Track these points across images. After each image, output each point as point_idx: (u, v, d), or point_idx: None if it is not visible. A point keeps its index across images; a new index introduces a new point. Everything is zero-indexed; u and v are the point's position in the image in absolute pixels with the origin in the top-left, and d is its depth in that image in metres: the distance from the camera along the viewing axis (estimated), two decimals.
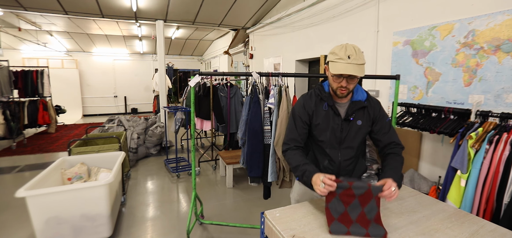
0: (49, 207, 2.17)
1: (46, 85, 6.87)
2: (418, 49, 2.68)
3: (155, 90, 8.75)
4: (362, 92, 1.45)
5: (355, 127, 1.41)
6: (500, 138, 1.69)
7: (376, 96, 3.22)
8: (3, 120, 5.51)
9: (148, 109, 11.40)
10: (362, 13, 3.35)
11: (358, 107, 1.40)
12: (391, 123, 1.46)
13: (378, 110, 1.45)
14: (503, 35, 2.03)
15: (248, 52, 6.85)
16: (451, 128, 2.16)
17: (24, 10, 5.00)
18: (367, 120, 1.43)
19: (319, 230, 1.13)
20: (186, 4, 5.20)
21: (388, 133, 1.45)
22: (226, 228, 2.72)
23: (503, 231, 1.14)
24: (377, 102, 1.48)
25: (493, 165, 1.66)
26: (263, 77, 2.36)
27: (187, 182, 3.95)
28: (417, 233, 1.12)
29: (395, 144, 1.44)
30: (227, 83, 4.59)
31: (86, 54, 10.38)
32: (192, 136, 2.41)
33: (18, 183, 3.69)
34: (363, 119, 1.42)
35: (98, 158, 3.04)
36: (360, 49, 1.31)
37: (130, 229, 2.71)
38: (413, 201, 1.43)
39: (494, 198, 1.66)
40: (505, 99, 2.05)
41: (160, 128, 5.30)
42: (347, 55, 1.25)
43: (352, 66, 1.24)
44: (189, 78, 5.95)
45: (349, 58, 1.25)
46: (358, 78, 1.32)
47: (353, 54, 1.25)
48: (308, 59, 4.60)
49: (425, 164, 2.70)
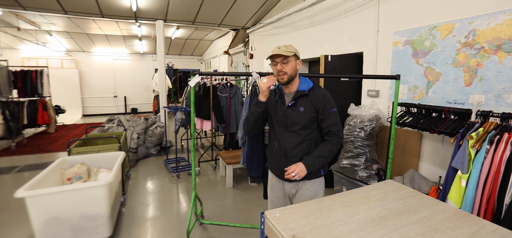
0: (49, 207, 2.17)
1: (46, 85, 6.86)
2: (419, 49, 2.68)
3: (155, 90, 8.74)
4: (307, 84, 1.65)
5: (298, 112, 1.61)
6: (501, 138, 1.69)
7: (375, 96, 3.22)
8: (2, 120, 5.50)
9: (148, 109, 11.39)
10: (362, 13, 3.35)
11: (299, 95, 1.62)
12: (336, 115, 1.60)
13: (321, 100, 1.60)
14: (504, 35, 2.03)
15: (248, 52, 6.84)
16: (451, 128, 2.15)
17: (24, 9, 4.99)
18: (309, 107, 1.61)
19: (319, 230, 1.13)
20: (186, 4, 5.20)
21: (326, 119, 1.60)
22: (226, 228, 2.72)
23: (504, 232, 1.14)
24: (322, 93, 1.62)
25: (493, 165, 1.66)
26: (263, 77, 2.35)
27: (187, 182, 3.94)
28: (417, 234, 1.12)
29: (332, 133, 1.59)
30: (227, 83, 4.58)
31: (85, 54, 10.37)
32: (192, 136, 2.41)
33: (18, 183, 3.68)
34: (305, 106, 1.61)
35: (98, 158, 3.04)
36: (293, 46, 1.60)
37: (130, 229, 2.70)
38: (414, 201, 1.42)
39: (495, 198, 1.65)
40: (506, 99, 2.05)
41: (160, 128, 5.29)
42: (278, 47, 1.57)
43: (280, 50, 1.55)
44: (189, 78, 5.94)
45: (279, 48, 1.56)
46: (290, 62, 1.56)
47: (282, 46, 1.57)
48: (308, 59, 4.59)
49: (425, 164, 2.69)
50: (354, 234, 1.11)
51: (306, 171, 1.54)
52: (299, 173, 1.51)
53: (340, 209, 1.31)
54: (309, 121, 1.61)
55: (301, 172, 1.52)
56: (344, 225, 1.18)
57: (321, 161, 1.57)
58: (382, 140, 3.08)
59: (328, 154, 1.58)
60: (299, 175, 1.51)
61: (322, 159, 1.57)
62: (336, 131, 1.59)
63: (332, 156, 1.61)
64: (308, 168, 1.54)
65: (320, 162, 1.57)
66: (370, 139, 2.93)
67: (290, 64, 1.57)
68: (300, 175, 1.51)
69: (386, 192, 1.53)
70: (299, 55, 1.64)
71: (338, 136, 1.59)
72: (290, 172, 1.51)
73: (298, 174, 1.51)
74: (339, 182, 3.14)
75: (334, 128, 1.59)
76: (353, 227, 1.16)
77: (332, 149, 1.59)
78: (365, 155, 2.88)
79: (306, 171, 1.54)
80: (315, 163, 1.56)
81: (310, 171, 1.55)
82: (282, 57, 1.56)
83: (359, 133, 2.93)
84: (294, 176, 1.50)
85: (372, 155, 2.94)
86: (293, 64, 1.58)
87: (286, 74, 1.57)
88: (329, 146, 1.59)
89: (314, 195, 1.65)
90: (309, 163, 1.55)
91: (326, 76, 3.18)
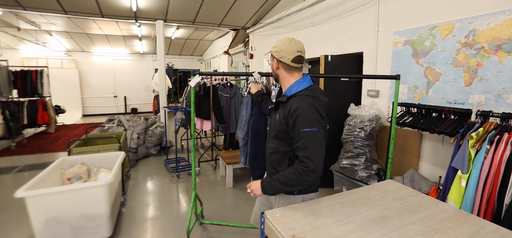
0: (49, 207, 2.17)
1: (46, 85, 6.86)
2: (418, 49, 2.68)
3: (155, 90, 8.74)
4: (295, 89, 1.41)
5: (274, 119, 1.48)
6: (501, 138, 1.69)
7: (376, 96, 3.21)
8: (2, 120, 5.50)
9: (148, 109, 11.40)
10: (362, 13, 3.35)
11: (279, 101, 1.48)
12: (309, 137, 1.26)
13: (291, 114, 1.32)
14: (504, 35, 2.03)
15: (248, 52, 6.84)
16: (451, 128, 2.15)
17: (24, 9, 4.99)
18: (282, 116, 1.40)
19: (319, 230, 1.13)
20: (186, 4, 5.20)
21: (295, 140, 1.32)
22: (226, 228, 2.72)
23: (504, 232, 1.14)
24: (295, 106, 1.31)
25: (493, 165, 1.66)
26: (264, 77, 2.35)
27: (187, 182, 3.94)
28: (417, 233, 1.12)
29: (299, 158, 1.29)
30: (227, 83, 4.58)
31: (85, 54, 10.37)
32: (192, 136, 2.41)
33: (18, 183, 3.68)
34: (280, 115, 1.43)
35: (98, 158, 3.04)
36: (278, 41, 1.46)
37: (130, 229, 2.70)
38: (414, 201, 1.42)
39: (495, 198, 1.65)
40: (506, 99, 2.05)
41: (160, 128, 5.29)
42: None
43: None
44: (189, 78, 5.94)
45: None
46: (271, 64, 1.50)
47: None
48: (308, 59, 4.59)
49: (425, 164, 2.69)
50: (354, 234, 1.11)
51: (261, 191, 1.40)
52: (253, 191, 1.43)
53: (340, 209, 1.31)
54: (281, 133, 1.41)
55: (256, 191, 1.42)
56: (344, 225, 1.18)
57: (278, 187, 1.33)
58: (382, 140, 3.08)
59: (287, 181, 1.30)
60: (254, 193, 1.43)
61: (279, 184, 1.32)
62: (303, 157, 1.26)
63: (294, 186, 1.31)
64: (262, 189, 1.39)
65: (276, 188, 1.34)
66: (370, 139, 2.93)
67: (271, 64, 1.51)
68: (254, 193, 1.43)
69: (386, 192, 1.53)
70: (276, 53, 1.43)
71: (305, 164, 1.25)
72: (248, 187, 1.46)
73: (253, 192, 1.43)
74: (339, 182, 3.14)
75: (300, 153, 1.28)
76: (353, 227, 1.16)
77: (294, 178, 1.28)
78: (365, 155, 2.88)
79: (260, 191, 1.40)
80: (270, 186, 1.35)
81: (264, 192, 1.39)
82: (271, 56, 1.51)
83: (359, 133, 2.93)
84: (249, 192, 1.45)
85: (372, 155, 2.94)
86: (273, 65, 1.49)
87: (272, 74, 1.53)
88: (291, 172, 1.30)
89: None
90: (265, 183, 1.38)
91: (326, 76, 3.18)
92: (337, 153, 3.20)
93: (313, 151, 1.26)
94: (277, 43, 1.44)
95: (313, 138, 1.27)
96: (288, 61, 1.41)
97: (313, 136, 1.27)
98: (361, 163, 2.87)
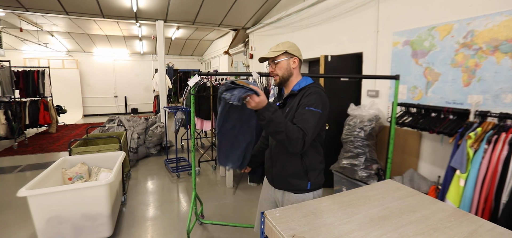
0: (50, 207, 2.18)
1: (47, 86, 6.89)
2: (418, 49, 2.69)
3: (155, 90, 8.75)
4: (304, 83, 1.50)
5: (285, 113, 1.50)
6: (498, 137, 1.70)
7: (375, 96, 3.23)
8: (4, 119, 5.53)
9: (148, 109, 11.41)
10: (362, 13, 3.36)
11: (289, 95, 1.53)
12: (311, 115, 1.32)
13: (305, 97, 1.38)
14: (502, 36, 2.04)
15: (248, 52, 6.85)
16: (450, 127, 2.16)
17: (26, 10, 5.02)
18: (293, 106, 1.43)
19: (319, 230, 1.14)
20: (186, 4, 5.21)
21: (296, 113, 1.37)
22: (226, 228, 2.73)
23: (501, 230, 1.15)
24: (309, 91, 1.38)
25: (491, 164, 1.67)
26: (263, 77, 2.36)
27: (187, 182, 3.96)
28: (416, 233, 1.13)
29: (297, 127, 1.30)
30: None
31: (86, 55, 10.39)
32: (192, 136, 2.42)
33: (20, 183, 3.70)
34: (291, 105, 1.47)
35: (98, 158, 3.05)
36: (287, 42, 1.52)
37: (130, 229, 2.72)
38: (413, 200, 1.44)
39: (492, 197, 1.66)
40: (503, 99, 2.06)
41: (160, 128, 5.31)
42: (270, 48, 1.53)
43: (268, 53, 1.52)
44: (189, 78, 5.98)
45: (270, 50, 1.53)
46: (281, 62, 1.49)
47: (274, 46, 1.52)
48: (308, 59, 4.60)
49: (424, 163, 2.71)
50: (354, 233, 1.12)
51: (264, 104, 1.23)
52: (255, 100, 1.22)
53: (340, 209, 1.32)
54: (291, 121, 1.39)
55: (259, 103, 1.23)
56: (344, 225, 1.19)
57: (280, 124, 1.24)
58: (382, 139, 3.09)
59: (286, 128, 1.25)
60: (253, 99, 1.22)
61: (282, 124, 1.24)
62: (302, 127, 1.29)
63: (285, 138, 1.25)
64: (265, 108, 1.23)
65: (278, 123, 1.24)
66: (369, 139, 2.95)
67: (281, 64, 1.48)
68: (253, 99, 1.22)
69: (386, 191, 1.54)
70: (294, 51, 1.48)
71: (303, 131, 1.28)
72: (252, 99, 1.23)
73: (254, 101, 1.22)
74: (339, 182, 3.15)
75: (300, 124, 1.30)
76: (352, 227, 1.17)
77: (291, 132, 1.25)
78: (364, 155, 2.89)
79: (264, 103, 1.23)
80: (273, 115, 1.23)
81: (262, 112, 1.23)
82: (271, 59, 1.50)
83: (359, 133, 2.94)
84: (248, 99, 1.23)
85: (371, 154, 2.95)
86: (284, 64, 1.48)
87: (277, 76, 1.52)
88: (293, 128, 1.27)
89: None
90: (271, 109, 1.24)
91: (326, 76, 3.19)
92: (337, 153, 3.21)
93: (311, 126, 1.31)
94: (288, 43, 1.50)
95: (315, 117, 1.34)
96: (302, 59, 1.55)
97: (316, 116, 1.34)
98: (361, 163, 2.88)
